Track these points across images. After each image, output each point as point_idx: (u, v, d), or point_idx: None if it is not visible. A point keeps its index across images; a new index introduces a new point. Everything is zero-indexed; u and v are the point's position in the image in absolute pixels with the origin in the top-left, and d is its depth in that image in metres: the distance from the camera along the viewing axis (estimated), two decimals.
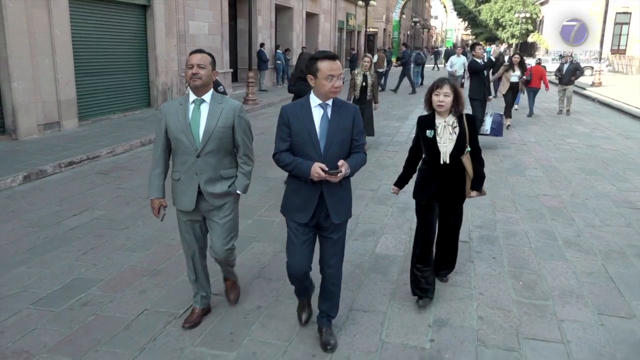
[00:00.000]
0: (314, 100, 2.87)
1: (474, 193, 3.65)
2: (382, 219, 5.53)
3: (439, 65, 35.19)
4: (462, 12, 54.85)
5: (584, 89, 19.96)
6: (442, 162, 3.49)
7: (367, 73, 8.57)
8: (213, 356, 3.04)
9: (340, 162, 2.76)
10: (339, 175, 2.74)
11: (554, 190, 6.76)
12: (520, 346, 3.21)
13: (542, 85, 13.26)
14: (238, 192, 3.20)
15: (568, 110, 13.90)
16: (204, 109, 3.07)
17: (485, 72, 9.45)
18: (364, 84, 8.52)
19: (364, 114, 7.74)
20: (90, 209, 5.75)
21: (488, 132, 9.11)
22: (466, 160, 3.53)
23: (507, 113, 11.51)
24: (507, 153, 9.03)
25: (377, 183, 6.92)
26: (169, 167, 3.24)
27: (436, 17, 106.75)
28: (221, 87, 5.67)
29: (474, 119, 3.61)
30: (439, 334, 3.33)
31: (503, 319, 3.52)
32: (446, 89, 3.41)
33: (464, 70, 15.23)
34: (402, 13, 47.24)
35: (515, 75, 11.58)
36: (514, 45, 42.33)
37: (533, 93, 13.42)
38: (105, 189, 6.56)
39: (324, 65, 2.77)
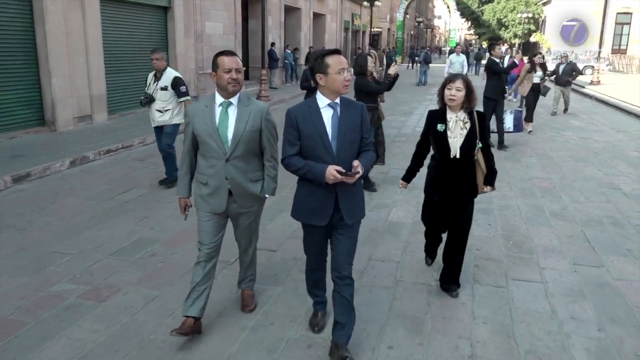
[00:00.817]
0: (322, 101, 2.79)
1: (487, 188, 3.67)
2: (392, 195, 6.32)
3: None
4: (465, 12, 55.35)
5: (583, 87, 20.67)
6: (452, 157, 3.50)
7: (373, 70, 9.24)
8: (263, 290, 3.84)
9: (356, 163, 2.71)
10: (356, 176, 2.71)
11: (546, 174, 7.53)
12: (507, 284, 4.00)
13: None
14: (267, 195, 3.21)
15: (565, 109, 14.01)
16: (232, 112, 3.02)
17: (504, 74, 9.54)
18: None
19: None
20: (136, 187, 6.56)
21: (511, 130, 9.21)
22: (480, 157, 3.57)
23: (529, 117, 11.15)
24: (504, 143, 9.76)
25: (387, 168, 7.69)
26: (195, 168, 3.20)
27: (439, 17, 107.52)
28: (183, 87, 6.18)
29: (484, 116, 3.61)
30: None
31: (495, 266, 4.31)
32: (459, 83, 3.42)
33: (463, 68, 15.99)
34: (406, 13, 47.97)
35: (537, 76, 11.24)
36: (516, 46, 43.00)
37: None
38: (144, 172, 7.37)
39: (332, 60, 2.72)
